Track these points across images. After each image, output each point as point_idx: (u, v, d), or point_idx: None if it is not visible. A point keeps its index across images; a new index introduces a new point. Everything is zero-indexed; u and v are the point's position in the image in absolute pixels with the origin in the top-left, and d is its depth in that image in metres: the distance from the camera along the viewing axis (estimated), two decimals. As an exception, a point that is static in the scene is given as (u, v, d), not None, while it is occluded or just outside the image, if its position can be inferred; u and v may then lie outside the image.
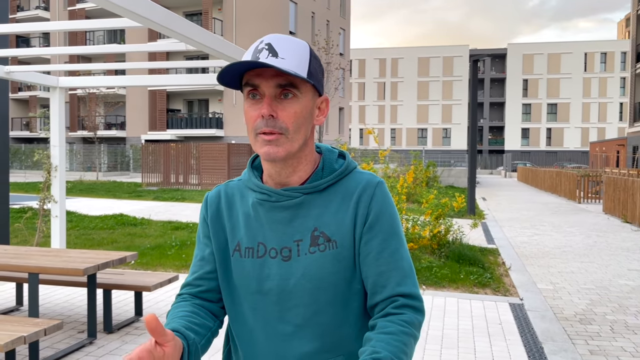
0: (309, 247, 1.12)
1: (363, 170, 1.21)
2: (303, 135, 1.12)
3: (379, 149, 7.98)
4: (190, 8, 37.74)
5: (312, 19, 38.71)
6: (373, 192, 1.14)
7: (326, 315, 1.12)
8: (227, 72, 1.06)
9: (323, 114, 1.18)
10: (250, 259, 1.16)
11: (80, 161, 38.31)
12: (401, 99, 71.07)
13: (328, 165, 1.18)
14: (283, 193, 1.14)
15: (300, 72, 1.07)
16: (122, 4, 3.14)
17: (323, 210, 1.14)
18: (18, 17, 44.40)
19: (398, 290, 1.12)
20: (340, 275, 1.12)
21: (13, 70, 5.89)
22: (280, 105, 1.08)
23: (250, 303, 1.16)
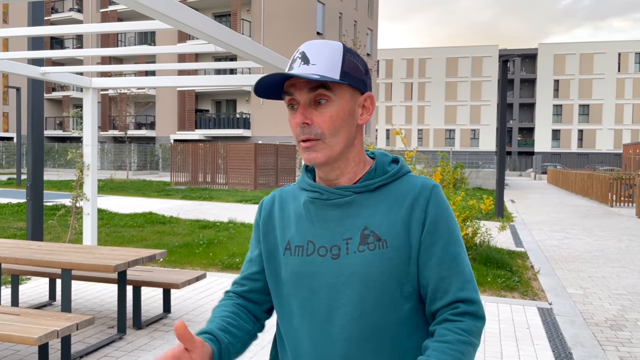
0: (359, 245, 1.12)
1: (417, 176, 1.20)
2: (344, 138, 1.12)
3: (405, 150, 7.90)
4: (219, 9, 38.15)
5: (339, 19, 38.71)
6: (429, 196, 1.13)
7: (373, 317, 1.11)
8: (261, 86, 1.10)
9: (368, 111, 1.17)
10: (299, 257, 1.16)
11: (111, 160, 39.10)
12: (429, 100, 70.50)
13: (381, 167, 1.19)
14: (334, 191, 1.15)
15: (332, 75, 1.08)
16: (155, 7, 3.21)
17: (374, 210, 1.14)
18: (52, 19, 45.56)
19: (459, 295, 1.11)
20: (389, 275, 1.10)
21: (48, 72, 6.06)
22: (316, 111, 1.10)
23: (298, 301, 1.16)
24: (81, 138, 6.15)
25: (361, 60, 1.16)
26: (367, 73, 1.17)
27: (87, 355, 4.03)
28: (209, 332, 1.12)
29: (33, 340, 3.10)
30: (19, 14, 44.47)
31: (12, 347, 4.17)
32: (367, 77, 1.16)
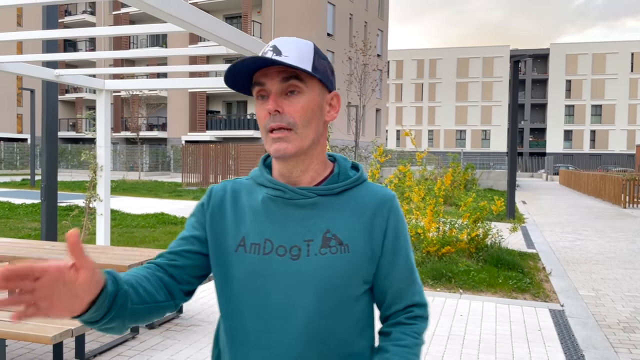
0: (320, 248, 1.11)
1: (374, 183, 1.23)
2: (313, 131, 1.12)
3: (416, 151, 7.93)
4: (230, 11, 38.32)
5: (350, 20, 38.72)
6: (390, 206, 1.17)
7: (330, 319, 1.11)
8: (233, 73, 1.09)
9: (335, 109, 1.18)
10: (256, 255, 1.13)
11: (124, 161, 39.40)
12: (439, 100, 70.26)
13: (344, 171, 1.19)
14: (298, 191, 1.13)
15: (304, 67, 1.09)
16: (167, 10, 3.25)
17: (337, 214, 1.14)
18: (66, 21, 46.02)
19: (413, 299, 1.22)
20: (348, 280, 1.11)
21: (62, 74, 6.14)
22: (287, 100, 1.10)
23: (251, 301, 1.13)
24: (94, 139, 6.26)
25: (328, 61, 1.17)
26: (333, 74, 1.19)
27: (100, 354, 4.08)
28: (109, 272, 1.00)
29: (48, 339, 3.15)
30: (32, 17, 44.99)
31: (28, 346, 4.23)
32: (333, 77, 1.18)
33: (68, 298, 0.88)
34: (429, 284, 6.47)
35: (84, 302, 0.90)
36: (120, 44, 41.29)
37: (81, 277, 0.87)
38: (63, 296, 0.87)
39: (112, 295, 0.98)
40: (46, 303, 0.85)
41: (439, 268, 6.69)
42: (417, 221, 7.83)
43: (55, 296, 0.86)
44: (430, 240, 7.28)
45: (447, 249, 7.26)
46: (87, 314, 0.94)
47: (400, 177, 8.59)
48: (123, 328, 1.06)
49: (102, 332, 1.04)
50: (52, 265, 0.84)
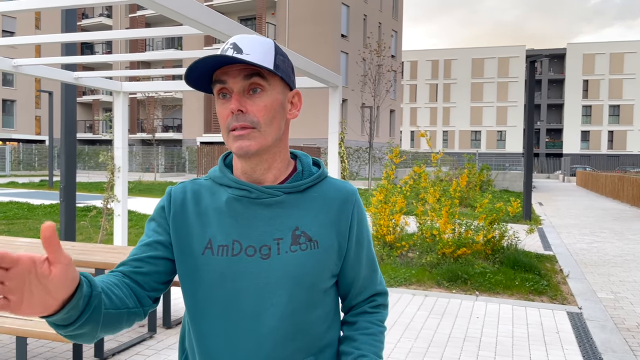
0: (290, 245, 1.11)
1: (335, 178, 1.28)
2: (276, 129, 1.12)
3: (430, 152, 7.88)
4: (245, 13, 38.51)
5: (364, 21, 38.68)
6: (354, 201, 1.21)
7: (302, 315, 1.12)
8: (194, 71, 1.06)
9: (296, 107, 1.18)
10: (224, 257, 1.11)
11: (139, 162, 39.77)
12: (454, 101, 69.87)
13: (307, 168, 1.21)
14: (265, 190, 1.13)
15: (266, 65, 1.08)
16: (184, 12, 3.28)
17: (304, 212, 1.15)
18: (83, 24, 46.61)
19: (377, 289, 1.28)
20: (319, 275, 1.14)
21: (81, 76, 6.22)
22: (250, 100, 1.09)
23: (220, 302, 1.11)
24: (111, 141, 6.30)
25: (288, 59, 1.17)
26: (293, 72, 1.18)
27: (119, 353, 4.12)
28: (83, 275, 0.93)
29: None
30: (50, 20, 45.62)
31: (48, 345, 4.30)
32: (293, 75, 1.18)
33: (40, 294, 0.80)
34: (444, 286, 6.44)
35: (58, 299, 0.83)
36: (136, 47, 41.70)
37: (55, 271, 0.79)
38: (35, 291, 0.80)
39: (86, 297, 0.91)
40: (16, 296, 0.78)
41: (455, 270, 6.66)
42: (433, 222, 7.80)
43: (26, 290, 0.79)
44: (446, 241, 7.25)
45: (462, 251, 7.22)
46: (59, 313, 0.86)
47: (415, 178, 8.56)
48: (93, 336, 0.98)
49: (70, 340, 0.98)
50: (23, 256, 0.77)
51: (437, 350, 4.36)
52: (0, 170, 37.65)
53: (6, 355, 4.02)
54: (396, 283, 6.54)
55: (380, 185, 7.81)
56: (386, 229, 7.74)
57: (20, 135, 43.95)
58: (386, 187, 7.70)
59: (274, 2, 36.72)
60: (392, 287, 6.43)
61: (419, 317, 5.26)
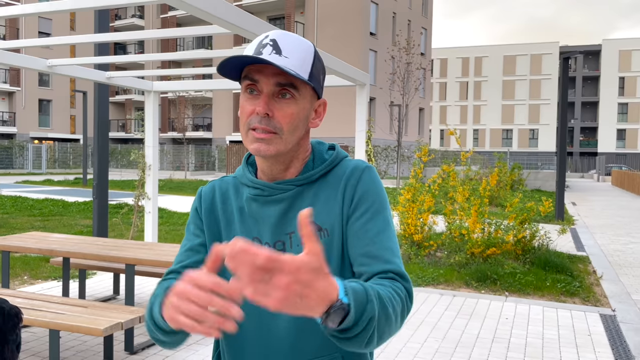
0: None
1: (353, 159, 1.18)
2: (297, 137, 1.10)
3: (460, 151, 7.78)
4: (274, 12, 38.71)
5: (393, 19, 38.43)
6: (360, 176, 1.12)
7: None
8: (229, 64, 1.04)
9: (319, 117, 1.15)
10: None
11: (170, 160, 40.40)
12: (485, 99, 68.84)
13: (319, 156, 1.17)
14: (276, 187, 1.12)
15: (302, 73, 1.04)
16: (213, 12, 3.32)
17: (314, 201, 1.12)
18: (116, 25, 47.56)
19: (387, 267, 1.04)
20: (332, 264, 1.09)
21: (113, 76, 6.35)
22: (278, 104, 1.06)
23: (244, 300, 1.12)
24: (142, 139, 6.42)
25: (323, 64, 1.13)
26: (324, 78, 1.15)
27: (148, 347, 4.20)
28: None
29: (99, 331, 3.27)
30: (85, 22, 46.70)
31: (80, 338, 4.41)
32: (323, 82, 1.15)
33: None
34: (473, 286, 6.36)
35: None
36: (167, 47, 42.36)
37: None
38: None
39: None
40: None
41: (484, 270, 6.57)
42: (462, 222, 7.70)
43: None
44: (475, 241, 7.16)
45: (492, 251, 7.11)
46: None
47: (444, 177, 8.47)
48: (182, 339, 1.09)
49: (162, 346, 1.08)
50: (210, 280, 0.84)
51: (464, 351, 4.31)
52: (37, 168, 38.74)
53: (40, 348, 4.14)
54: (424, 283, 6.49)
55: (407, 184, 7.75)
56: (414, 228, 7.68)
57: (56, 134, 45.14)
58: (414, 186, 7.64)
59: (303, 1, 36.80)
60: (420, 286, 6.38)
61: (447, 317, 5.20)
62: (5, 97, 42.25)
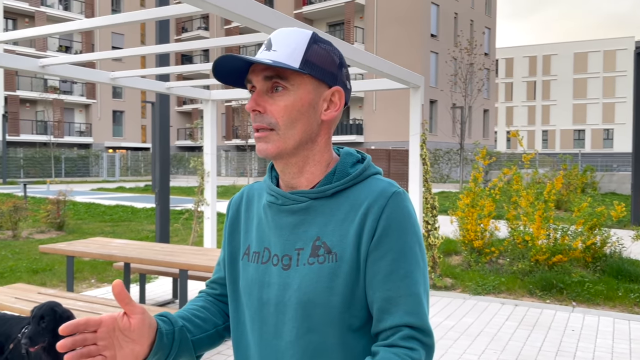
0: (309, 257, 1.02)
1: (383, 178, 1.07)
2: (300, 132, 1.03)
3: (528, 153, 7.41)
4: (333, 19, 38.91)
5: (454, 20, 37.66)
6: (385, 204, 1.00)
7: (320, 335, 1.00)
8: (220, 73, 1.05)
9: (335, 107, 1.06)
10: (255, 263, 1.08)
11: (235, 167, 41.42)
12: (554, 99, 66.02)
13: (341, 169, 1.06)
14: (289, 196, 1.06)
15: (291, 63, 1.00)
16: (271, 24, 3.35)
17: (329, 219, 1.03)
18: (183, 37, 49.39)
19: (407, 320, 0.97)
20: (336, 292, 0.99)
21: (172, 86, 6.57)
22: (271, 99, 1.02)
23: (249, 312, 1.09)
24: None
25: (335, 51, 1.06)
26: (342, 67, 1.07)
27: (202, 352, 4.27)
28: (163, 315, 1.06)
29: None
30: (154, 35, 48.83)
31: (139, 340, 4.54)
32: (340, 70, 1.06)
33: (128, 345, 0.96)
34: (537, 295, 6.06)
35: (144, 346, 0.97)
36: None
37: (134, 322, 0.95)
38: (123, 344, 0.95)
39: (169, 334, 1.02)
40: (110, 352, 0.94)
41: (549, 278, 6.24)
42: (526, 228, 7.37)
43: (116, 345, 0.95)
44: (540, 248, 6.82)
45: (558, 258, 6.75)
46: (149, 358, 0.99)
47: (505, 180, 8.15)
48: (194, 355, 1.10)
49: None
50: (104, 317, 0.93)
51: (525, 364, 4.09)
52: (111, 176, 40.80)
53: (101, 349, 4.31)
54: (484, 291, 6.25)
55: (466, 188, 7.51)
56: (474, 233, 7.43)
57: (128, 144, 47.36)
58: (473, 190, 7.40)
59: (362, 5, 36.78)
60: (479, 295, 6.15)
61: (507, 327, 4.97)
62: (82, 109, 44.85)
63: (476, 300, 5.90)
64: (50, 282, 6.64)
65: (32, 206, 14.35)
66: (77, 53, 43.09)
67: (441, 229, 11.18)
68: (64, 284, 6.53)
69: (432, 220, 6.39)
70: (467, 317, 5.28)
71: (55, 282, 6.68)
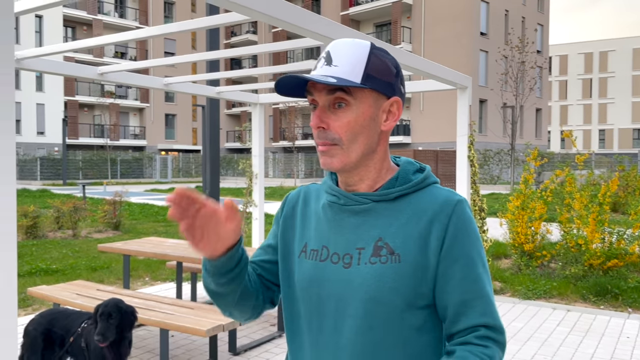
0: (370, 256, 1.06)
1: (443, 187, 1.13)
2: (362, 145, 1.07)
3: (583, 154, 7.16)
4: (380, 19, 38.75)
5: (505, 17, 36.77)
6: (451, 212, 1.06)
7: (380, 332, 1.05)
8: (282, 86, 1.07)
9: (394, 117, 1.09)
10: (313, 261, 1.12)
11: (282, 169, 41.87)
12: (612, 96, 63.35)
13: (403, 175, 1.12)
14: (352, 197, 1.10)
15: (353, 78, 1.02)
16: (308, 27, 3.42)
17: (391, 221, 1.07)
18: (232, 41, 50.37)
19: (482, 320, 1.04)
20: (399, 292, 1.04)
21: (222, 91, 6.75)
22: (334, 115, 1.05)
23: (307, 307, 1.12)
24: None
25: (392, 60, 1.08)
26: (399, 75, 1.09)
27: (250, 350, 4.39)
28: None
29: (203, 332, 3.48)
30: (205, 40, 50.02)
31: (189, 338, 4.71)
32: (397, 79, 1.08)
33: (214, 237, 1.03)
34: (590, 301, 5.88)
35: (224, 245, 1.05)
36: (278, 59, 44.05)
37: (228, 224, 1.02)
38: (211, 234, 1.02)
39: (240, 255, 1.09)
40: (199, 232, 1.01)
41: (603, 283, 6.04)
42: (579, 231, 7.14)
43: (205, 231, 1.02)
44: (594, 252, 6.60)
45: (613, 263, 6.51)
46: (221, 258, 1.06)
47: (558, 182, 7.93)
48: (231, 303, 1.14)
49: (213, 299, 1.14)
50: (209, 202, 1.01)
51: (576, 371, 3.99)
52: (164, 177, 42.05)
53: (154, 345, 4.49)
54: (534, 295, 6.11)
55: (516, 190, 7.36)
56: (524, 237, 7.26)
57: (180, 146, 48.69)
58: (523, 192, 7.23)
59: (410, 5, 36.46)
60: (530, 299, 6.02)
61: (559, 333, 4.85)
62: (136, 112, 46.47)
63: (526, 305, 5.78)
64: (107, 280, 6.95)
65: (90, 207, 15.01)
66: (132, 59, 44.67)
67: (490, 232, 10.96)
68: (120, 282, 6.82)
69: (480, 223, 6.30)
70: (516, 322, 5.18)
71: (113, 279, 6.99)
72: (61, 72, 4.82)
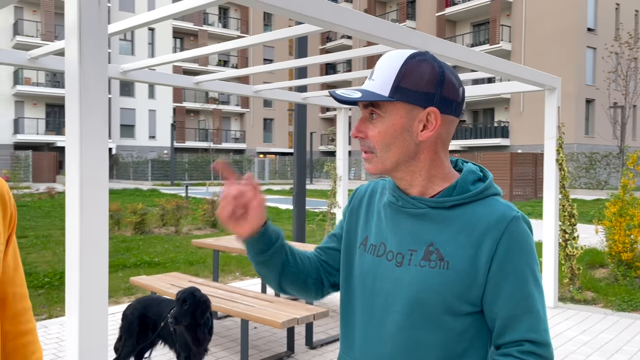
0: (421, 259, 1.11)
1: (502, 200, 1.14)
2: (396, 154, 1.13)
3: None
4: (478, 19, 37.60)
5: (616, 11, 34.19)
6: (505, 228, 1.08)
7: (421, 332, 1.10)
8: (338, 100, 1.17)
9: (431, 127, 1.11)
10: (371, 255, 1.19)
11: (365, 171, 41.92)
12: None
13: (462, 185, 1.14)
14: (409, 200, 1.16)
15: (382, 92, 1.10)
16: (377, 34, 3.55)
17: (443, 229, 1.12)
18: (327, 46, 51.24)
19: (528, 335, 1.08)
20: (443, 298, 1.08)
21: (308, 96, 7.03)
22: (371, 125, 1.14)
23: (362, 298, 1.19)
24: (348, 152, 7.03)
25: (434, 68, 1.10)
26: (442, 84, 1.10)
27: (326, 345, 4.57)
28: (278, 231, 1.23)
29: (278, 324, 3.71)
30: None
31: (270, 330, 4.99)
32: (438, 88, 1.10)
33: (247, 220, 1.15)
34: (694, 316, 5.42)
35: (256, 226, 1.16)
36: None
37: (255, 203, 1.14)
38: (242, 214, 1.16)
39: (273, 237, 1.20)
40: (238, 214, 1.15)
41: None
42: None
43: (243, 213, 1.15)
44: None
45: None
46: (256, 236, 1.18)
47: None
48: (276, 278, 1.26)
49: (260, 274, 1.27)
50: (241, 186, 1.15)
51: (665, 388, 3.75)
52: (261, 179, 43.70)
53: (238, 334, 4.82)
54: (630, 307, 5.75)
55: (614, 196, 6.94)
56: (622, 245, 6.83)
57: (277, 149, 50.35)
58: (621, 198, 6.81)
59: (509, 2, 35.04)
60: (624, 311, 5.68)
61: (652, 348, 4.56)
62: (237, 117, 48.74)
63: (619, 317, 5.46)
64: (202, 273, 7.47)
65: (192, 205, 16.05)
66: (234, 66, 46.91)
67: (587, 239, 10.35)
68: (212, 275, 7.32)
69: (570, 229, 6.03)
70: (605, 334, 4.93)
71: (207, 273, 7.50)
72: (160, 82, 5.32)
